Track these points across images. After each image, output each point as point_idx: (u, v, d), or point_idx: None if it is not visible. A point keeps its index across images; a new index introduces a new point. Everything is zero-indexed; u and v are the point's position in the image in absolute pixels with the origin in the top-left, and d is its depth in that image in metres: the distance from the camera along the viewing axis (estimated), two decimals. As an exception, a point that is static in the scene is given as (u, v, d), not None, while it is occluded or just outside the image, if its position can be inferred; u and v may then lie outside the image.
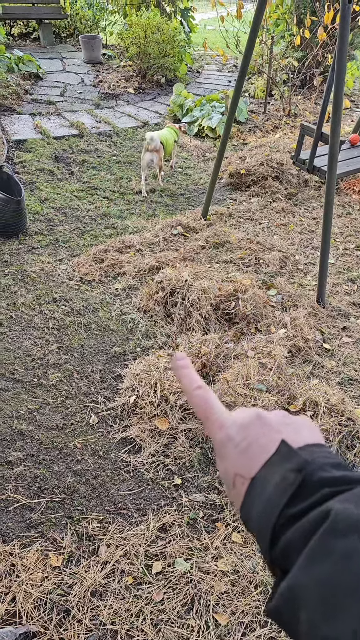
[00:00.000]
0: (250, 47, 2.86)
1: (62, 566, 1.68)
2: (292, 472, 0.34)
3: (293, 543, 0.32)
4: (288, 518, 0.33)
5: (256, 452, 0.37)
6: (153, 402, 2.08)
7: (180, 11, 7.91)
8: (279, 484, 0.34)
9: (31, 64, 6.52)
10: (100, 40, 7.69)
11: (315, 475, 0.34)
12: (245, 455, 0.37)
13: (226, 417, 0.40)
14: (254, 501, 0.36)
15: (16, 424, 2.12)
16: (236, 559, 1.67)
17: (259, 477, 0.36)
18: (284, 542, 0.33)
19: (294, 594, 0.30)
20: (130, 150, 4.95)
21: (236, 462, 0.37)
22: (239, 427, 0.39)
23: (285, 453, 0.36)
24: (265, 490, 0.35)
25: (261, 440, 0.38)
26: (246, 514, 0.36)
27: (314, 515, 0.31)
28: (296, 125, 5.75)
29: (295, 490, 0.34)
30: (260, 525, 0.34)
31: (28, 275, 3.04)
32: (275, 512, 0.34)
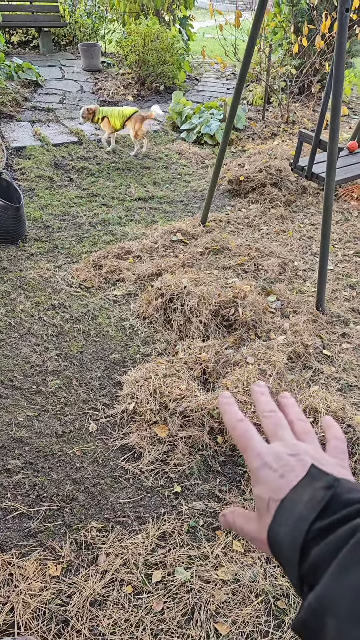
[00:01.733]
0: (249, 55, 2.88)
1: (61, 575, 1.66)
2: (322, 490, 0.36)
3: (323, 556, 0.33)
4: (317, 532, 0.34)
5: (291, 477, 0.39)
6: (152, 409, 2.07)
7: (178, 20, 7.98)
8: (308, 501, 0.36)
9: (30, 71, 6.56)
10: (100, 48, 7.74)
11: (343, 494, 0.35)
12: (283, 479, 0.39)
13: (265, 446, 0.42)
14: (283, 520, 0.37)
15: (15, 431, 2.11)
16: (237, 568, 1.66)
17: (289, 497, 0.37)
18: (314, 556, 0.33)
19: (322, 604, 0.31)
20: (129, 157, 4.97)
21: (272, 486, 0.39)
22: (276, 456, 0.41)
23: (315, 474, 0.38)
24: (295, 509, 0.36)
25: (297, 469, 0.39)
26: (274, 535, 0.37)
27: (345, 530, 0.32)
28: (294, 132, 5.78)
29: (325, 506, 0.35)
30: (289, 542, 0.35)
31: (27, 281, 3.04)
32: (305, 526, 0.35)
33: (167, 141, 5.51)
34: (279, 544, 0.37)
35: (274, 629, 1.53)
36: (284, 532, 0.36)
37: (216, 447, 2.02)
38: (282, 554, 0.36)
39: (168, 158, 5.07)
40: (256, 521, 0.40)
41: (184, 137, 5.59)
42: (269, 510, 0.38)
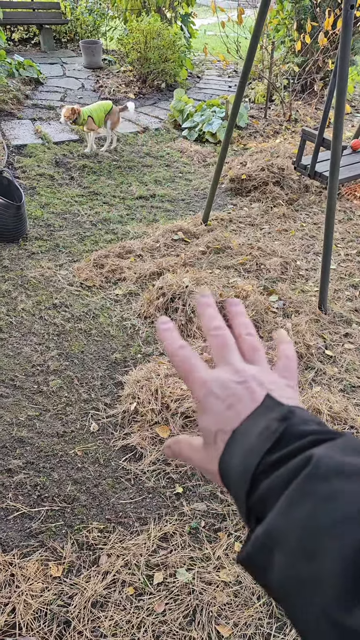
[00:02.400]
0: (252, 52, 2.87)
1: (63, 576, 1.66)
2: (275, 421, 0.34)
3: (272, 489, 0.31)
4: (269, 465, 0.33)
5: (239, 408, 0.37)
6: (154, 409, 2.06)
7: (180, 17, 7.94)
8: (261, 433, 0.34)
9: (32, 69, 6.54)
10: (101, 46, 7.71)
11: (298, 426, 0.34)
12: (231, 409, 0.37)
13: (209, 374, 0.40)
14: (234, 452, 0.35)
15: (16, 431, 2.11)
16: (238, 570, 1.65)
17: (241, 429, 0.36)
18: (263, 488, 0.32)
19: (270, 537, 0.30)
20: (130, 156, 4.95)
21: (220, 417, 0.37)
22: (222, 384, 0.38)
23: (270, 405, 0.36)
24: (247, 440, 0.35)
25: (245, 398, 0.37)
26: (225, 467, 0.36)
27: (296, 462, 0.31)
28: (297, 130, 5.76)
29: (278, 438, 0.33)
30: (239, 473, 0.34)
31: (28, 280, 3.03)
32: (256, 459, 0.33)
33: (169, 139, 5.49)
34: (229, 476, 0.36)
35: (275, 631, 1.52)
36: (235, 464, 0.35)
37: (218, 447, 2.02)
38: (232, 486, 0.35)
39: (169, 156, 5.05)
40: (203, 451, 0.39)
41: (185, 135, 5.57)
42: (217, 443, 0.37)
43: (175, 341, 0.42)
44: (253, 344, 0.43)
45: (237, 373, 0.39)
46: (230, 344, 0.42)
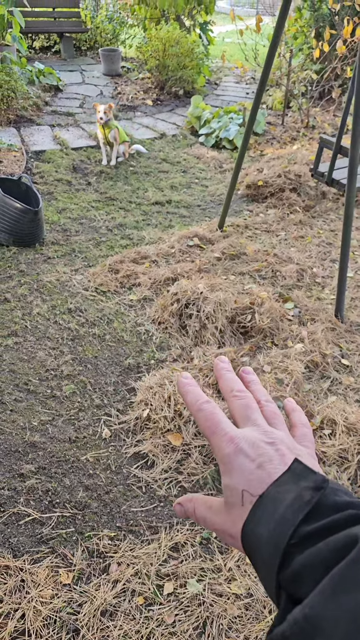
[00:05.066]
0: (270, 59, 2.86)
1: (72, 584, 1.65)
2: (309, 490, 0.32)
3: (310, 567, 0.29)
4: (303, 537, 0.31)
5: (270, 469, 0.35)
6: (167, 416, 2.05)
7: (199, 25, 7.99)
8: (293, 501, 0.32)
9: (51, 76, 6.63)
10: (120, 53, 7.80)
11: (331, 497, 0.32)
12: (261, 469, 0.35)
13: (237, 431, 0.38)
14: (262, 520, 0.33)
15: (29, 435, 2.11)
16: (250, 582, 1.62)
17: (270, 494, 0.34)
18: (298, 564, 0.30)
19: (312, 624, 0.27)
20: (147, 162, 4.97)
21: (249, 476, 0.35)
22: (252, 443, 0.37)
23: (300, 471, 0.34)
24: (278, 509, 0.32)
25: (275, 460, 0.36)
26: (250, 534, 0.34)
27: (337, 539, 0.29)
28: (314, 137, 5.72)
29: (312, 509, 0.31)
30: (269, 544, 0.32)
31: (44, 285, 3.05)
32: (289, 530, 0.31)
33: (185, 145, 5.51)
34: (255, 544, 0.33)
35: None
36: (263, 533, 0.32)
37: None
38: (258, 556, 0.33)
39: (186, 162, 5.06)
40: (224, 513, 0.37)
41: (202, 141, 5.58)
42: (244, 505, 0.35)
43: (199, 396, 0.41)
44: (273, 410, 0.43)
45: (266, 434, 0.38)
46: (254, 406, 0.42)
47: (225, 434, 0.38)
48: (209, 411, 0.40)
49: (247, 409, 0.41)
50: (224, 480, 0.37)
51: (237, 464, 0.36)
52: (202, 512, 0.39)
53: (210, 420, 0.39)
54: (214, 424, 0.39)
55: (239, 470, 0.36)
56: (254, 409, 0.41)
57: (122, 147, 4.80)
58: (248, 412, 0.41)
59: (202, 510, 0.40)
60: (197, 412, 0.40)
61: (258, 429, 0.39)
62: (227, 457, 0.37)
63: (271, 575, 0.31)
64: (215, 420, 0.39)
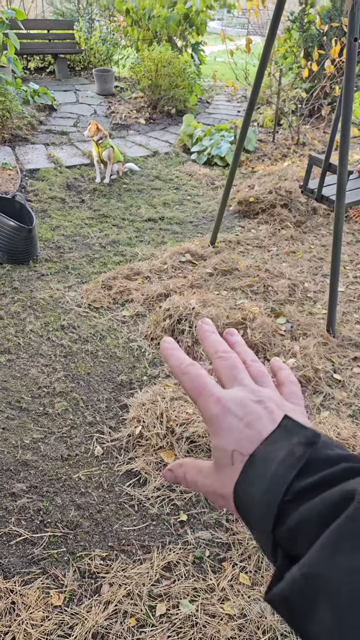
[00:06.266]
0: (259, 79, 2.93)
1: (64, 605, 1.62)
2: (301, 446, 0.32)
3: (305, 523, 0.29)
4: (297, 493, 0.30)
5: (259, 427, 0.35)
6: (159, 433, 2.05)
7: (191, 45, 8.17)
8: (285, 458, 0.32)
9: (46, 96, 6.74)
10: (113, 73, 7.94)
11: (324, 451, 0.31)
12: (250, 428, 0.35)
13: (223, 392, 0.37)
14: (254, 478, 0.33)
15: (21, 454, 2.10)
16: (243, 602, 1.60)
17: (260, 452, 0.33)
18: (293, 521, 0.29)
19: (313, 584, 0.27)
20: (140, 179, 5.04)
21: (238, 436, 0.35)
22: (239, 402, 0.36)
23: (291, 427, 0.34)
24: (269, 466, 0.32)
25: (264, 418, 0.35)
26: (243, 494, 0.33)
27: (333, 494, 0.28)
28: (304, 153, 5.82)
29: (305, 465, 0.31)
30: (263, 502, 0.31)
31: (37, 302, 3.06)
32: (282, 487, 0.31)
33: (178, 163, 5.59)
34: (248, 504, 0.33)
35: (282, 669, 1.47)
36: (256, 492, 0.32)
37: (223, 473, 1.98)
38: (251, 515, 0.32)
39: (178, 179, 5.13)
40: (215, 475, 0.36)
41: (194, 158, 5.66)
42: (235, 465, 0.34)
43: (183, 359, 0.40)
44: (260, 369, 0.42)
45: (253, 392, 0.38)
46: (240, 366, 0.40)
47: (212, 395, 0.37)
48: (194, 373, 0.39)
49: (233, 369, 0.40)
50: (213, 442, 0.36)
51: (226, 424, 0.36)
52: (192, 476, 0.39)
53: (196, 382, 0.38)
54: (199, 386, 0.38)
55: (227, 430, 0.35)
56: (240, 369, 0.40)
57: (116, 166, 4.86)
58: (234, 372, 0.40)
59: (192, 474, 0.39)
60: (182, 375, 0.39)
61: (245, 388, 0.38)
62: (215, 417, 0.36)
63: (266, 534, 0.31)
64: (200, 382, 0.38)
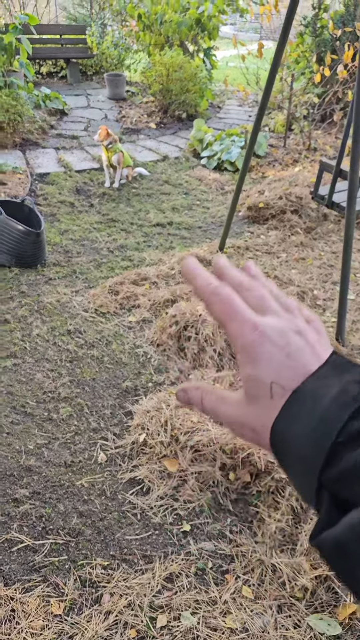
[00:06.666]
0: (270, 84, 2.91)
1: (64, 614, 1.61)
2: (356, 384, 0.29)
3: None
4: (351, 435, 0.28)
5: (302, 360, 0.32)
6: (163, 441, 2.03)
7: (203, 50, 8.18)
8: (338, 396, 0.29)
9: (57, 100, 6.79)
10: (125, 78, 7.98)
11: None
12: (292, 359, 0.32)
13: (259, 318, 0.34)
14: (299, 416, 0.30)
15: (24, 459, 2.09)
16: (246, 616, 1.58)
17: (306, 388, 0.31)
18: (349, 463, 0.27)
19: None
20: (149, 184, 5.04)
21: (278, 367, 0.32)
22: (279, 330, 0.33)
23: (342, 364, 0.31)
24: (319, 404, 0.30)
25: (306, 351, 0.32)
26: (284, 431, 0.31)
27: None
28: (316, 159, 5.79)
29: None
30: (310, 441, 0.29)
31: (44, 306, 3.07)
32: (336, 427, 0.28)
33: (188, 167, 5.58)
34: (289, 443, 0.30)
35: None
36: (302, 431, 0.30)
37: (228, 484, 1.96)
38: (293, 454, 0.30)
39: (188, 184, 5.12)
40: (244, 406, 0.33)
41: (204, 163, 5.65)
42: (274, 399, 0.31)
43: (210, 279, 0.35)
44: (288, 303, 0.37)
45: (291, 322, 0.34)
46: (270, 296, 0.36)
47: (248, 320, 0.33)
48: (225, 295, 0.34)
49: (263, 299, 0.35)
50: (245, 371, 0.33)
51: (264, 353, 0.32)
52: (212, 402, 0.36)
53: (228, 305, 0.34)
54: (232, 309, 0.34)
55: (265, 359, 0.32)
56: (270, 299, 0.36)
57: (126, 171, 4.87)
58: (265, 303, 0.35)
59: (212, 400, 0.36)
60: (211, 296, 0.35)
61: (281, 318, 0.34)
62: (251, 344, 0.32)
63: (311, 475, 0.29)
64: (234, 305, 0.34)
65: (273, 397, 0.31)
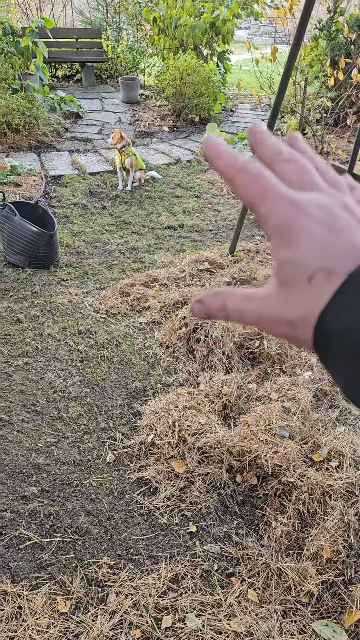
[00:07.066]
0: (283, 87, 2.91)
1: (70, 612, 1.62)
2: None
3: None
4: None
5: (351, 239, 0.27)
6: (171, 442, 2.04)
7: (217, 54, 8.20)
8: None
9: (72, 103, 6.86)
10: (139, 82, 8.03)
11: None
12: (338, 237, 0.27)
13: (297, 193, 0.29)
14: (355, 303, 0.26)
15: (34, 457, 2.11)
16: (251, 620, 1.57)
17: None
18: None
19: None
20: (162, 187, 5.06)
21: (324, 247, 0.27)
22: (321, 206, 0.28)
23: None
24: None
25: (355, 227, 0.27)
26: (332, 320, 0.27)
27: None
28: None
29: None
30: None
31: (56, 306, 3.10)
32: None
33: (200, 171, 5.60)
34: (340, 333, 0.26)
35: None
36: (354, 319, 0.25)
37: (235, 486, 1.96)
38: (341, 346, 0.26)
39: (200, 187, 5.14)
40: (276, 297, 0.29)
41: (217, 166, 5.66)
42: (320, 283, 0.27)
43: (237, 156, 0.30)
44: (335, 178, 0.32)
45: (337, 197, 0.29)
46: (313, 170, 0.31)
47: (283, 196, 0.28)
48: (255, 170, 0.29)
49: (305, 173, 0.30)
50: (281, 254, 0.28)
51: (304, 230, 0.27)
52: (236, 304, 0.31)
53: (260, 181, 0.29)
54: (265, 186, 0.28)
55: (307, 238, 0.27)
56: (314, 173, 0.31)
57: (139, 174, 4.91)
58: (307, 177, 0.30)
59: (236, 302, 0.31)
60: (239, 173, 0.29)
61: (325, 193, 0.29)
62: (288, 221, 0.28)
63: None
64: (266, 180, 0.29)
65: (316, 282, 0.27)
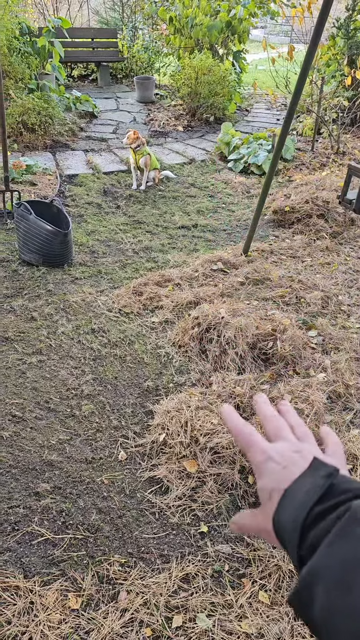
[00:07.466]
0: (300, 87, 2.89)
1: (81, 609, 1.63)
2: (322, 478, 0.39)
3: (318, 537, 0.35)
4: (316, 516, 0.37)
5: (294, 469, 0.42)
6: (183, 442, 2.03)
7: (232, 53, 8.18)
8: (310, 489, 0.39)
9: (87, 103, 6.90)
10: (154, 81, 8.05)
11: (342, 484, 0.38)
12: (286, 470, 0.42)
13: (269, 444, 0.46)
14: (286, 508, 0.39)
15: (47, 454, 2.13)
16: (262, 621, 1.57)
17: (292, 487, 0.40)
18: (311, 538, 0.36)
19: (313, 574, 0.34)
20: (176, 186, 5.06)
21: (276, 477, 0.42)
22: (280, 452, 0.45)
23: (317, 465, 0.41)
24: (297, 496, 0.39)
25: (299, 462, 0.43)
26: (277, 522, 0.40)
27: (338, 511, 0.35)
28: (344, 163, 5.71)
29: (323, 493, 0.38)
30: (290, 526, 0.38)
31: (70, 305, 3.12)
32: (304, 511, 0.37)
33: (214, 170, 5.59)
34: (282, 530, 0.39)
35: None
36: (286, 518, 0.39)
37: (247, 487, 1.95)
38: (284, 539, 0.39)
39: (214, 187, 5.13)
40: (260, 513, 0.43)
41: (230, 166, 5.65)
42: (272, 500, 0.41)
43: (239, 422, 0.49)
44: (305, 431, 0.50)
45: (293, 445, 0.46)
46: (286, 427, 0.49)
47: (259, 447, 0.46)
48: (247, 432, 0.48)
49: (280, 429, 0.48)
50: (258, 484, 0.44)
51: (268, 469, 0.43)
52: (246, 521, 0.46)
53: (248, 439, 0.47)
54: (250, 442, 0.47)
55: (268, 473, 0.43)
56: (284, 428, 0.48)
57: (153, 173, 4.92)
58: (280, 432, 0.48)
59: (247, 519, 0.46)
60: (239, 434, 0.48)
61: (287, 442, 0.46)
62: (260, 464, 0.44)
63: (294, 553, 0.37)
64: (252, 439, 0.47)
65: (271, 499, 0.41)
